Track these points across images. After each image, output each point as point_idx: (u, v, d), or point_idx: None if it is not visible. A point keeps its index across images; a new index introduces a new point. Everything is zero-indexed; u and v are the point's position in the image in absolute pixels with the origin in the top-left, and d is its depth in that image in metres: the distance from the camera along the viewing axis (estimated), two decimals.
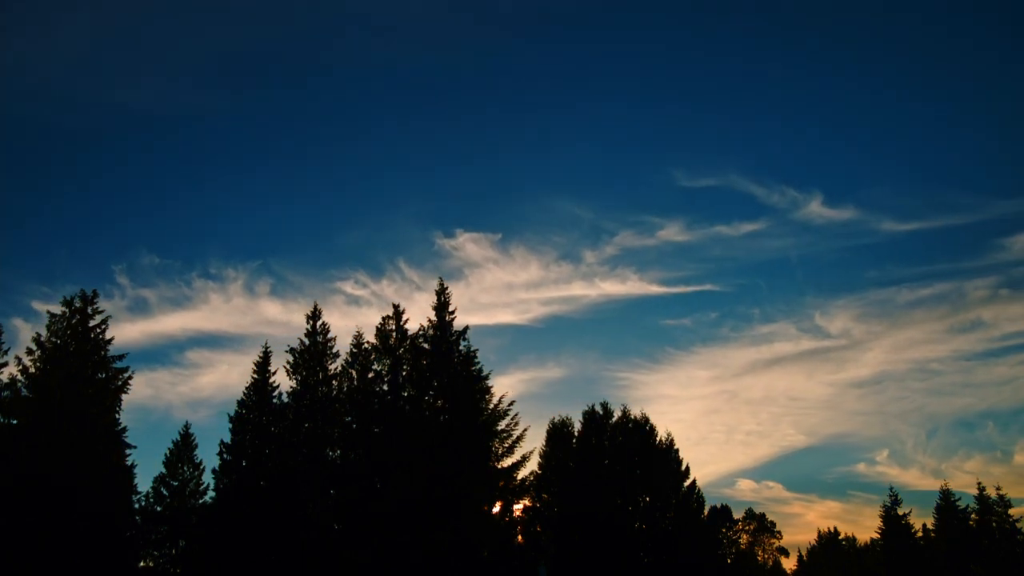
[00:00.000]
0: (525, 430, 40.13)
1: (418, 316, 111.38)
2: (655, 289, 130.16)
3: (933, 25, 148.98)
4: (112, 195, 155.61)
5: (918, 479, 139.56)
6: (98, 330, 37.17)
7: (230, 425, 39.86)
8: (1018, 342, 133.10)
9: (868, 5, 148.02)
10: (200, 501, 42.13)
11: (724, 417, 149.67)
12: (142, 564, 39.95)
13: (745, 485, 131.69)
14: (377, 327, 40.74)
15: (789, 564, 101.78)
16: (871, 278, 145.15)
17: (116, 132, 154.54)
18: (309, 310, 42.27)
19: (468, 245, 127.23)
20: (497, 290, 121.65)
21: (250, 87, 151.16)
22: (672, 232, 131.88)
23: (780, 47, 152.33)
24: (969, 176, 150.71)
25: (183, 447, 43.80)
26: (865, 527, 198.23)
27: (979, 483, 66.11)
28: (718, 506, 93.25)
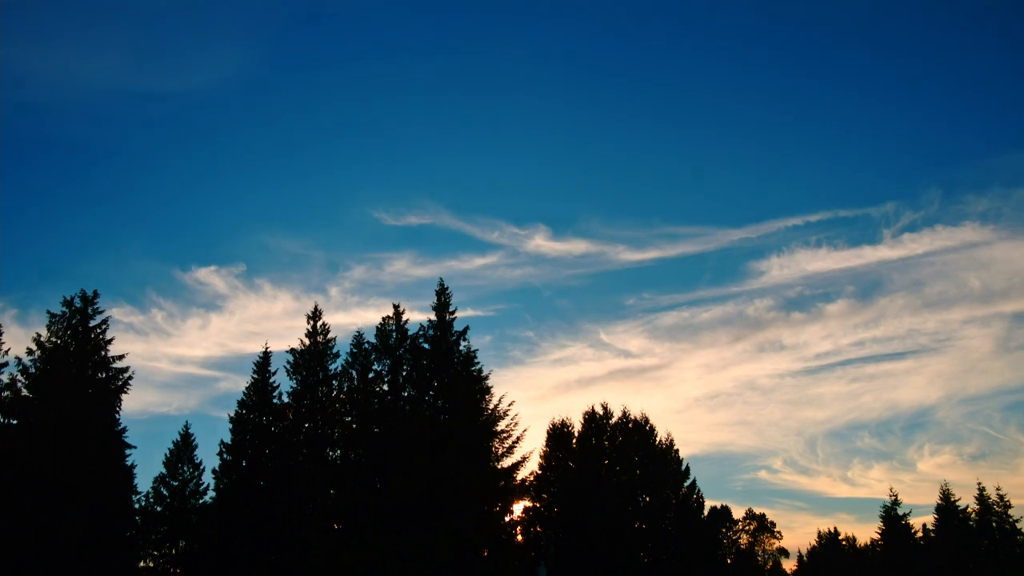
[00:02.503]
0: (525, 430, 40.26)
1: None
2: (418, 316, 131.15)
3: (633, 68, 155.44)
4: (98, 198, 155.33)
5: (831, 487, 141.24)
6: (98, 330, 37.17)
7: (230, 425, 39.92)
8: (830, 361, 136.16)
9: (542, 58, 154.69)
10: (200, 501, 42.12)
11: None
12: (142, 564, 39.94)
13: None
14: (377, 327, 40.80)
15: (789, 565, 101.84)
16: (641, 302, 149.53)
17: (117, 131, 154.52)
18: (309, 310, 42.40)
19: (212, 278, 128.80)
20: (254, 321, 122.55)
21: None
22: (403, 265, 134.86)
23: (485, 92, 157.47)
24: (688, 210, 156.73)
25: (183, 447, 43.79)
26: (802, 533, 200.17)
27: (979, 484, 66.30)
28: (718, 506, 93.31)
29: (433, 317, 40.92)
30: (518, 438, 39.74)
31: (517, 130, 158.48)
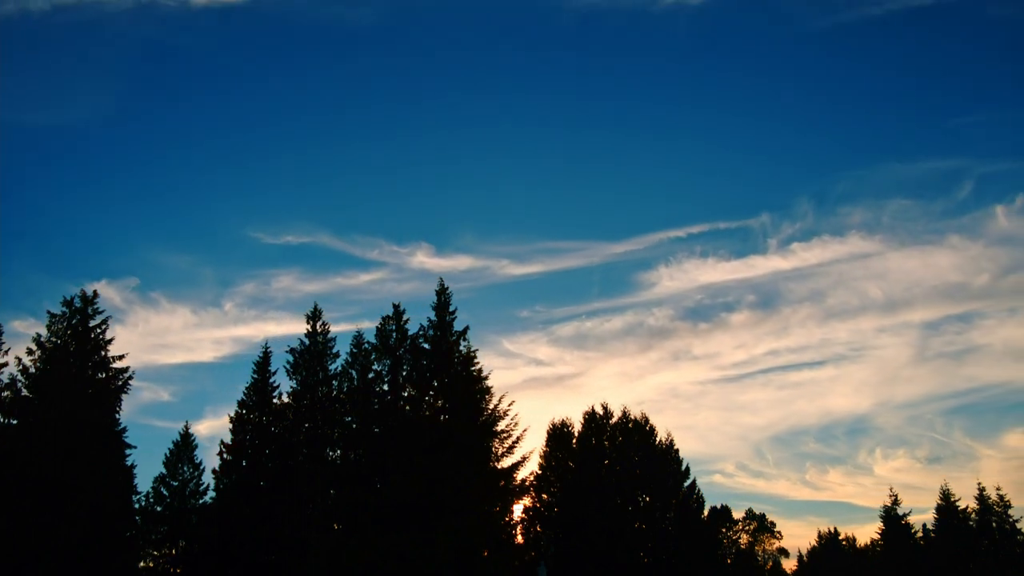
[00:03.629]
0: (525, 430, 40.24)
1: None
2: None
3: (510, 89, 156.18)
4: (111, 195, 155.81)
5: (791, 490, 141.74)
6: (98, 330, 37.17)
7: (230, 425, 39.92)
8: (749, 370, 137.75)
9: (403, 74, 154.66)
10: (200, 501, 42.12)
11: None
12: (142, 564, 39.94)
13: None
14: (377, 327, 40.79)
15: (789, 564, 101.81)
16: (536, 314, 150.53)
17: (118, 131, 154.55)
18: (309, 310, 42.37)
19: (107, 291, 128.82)
20: (156, 334, 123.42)
21: None
22: (291, 282, 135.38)
23: (356, 110, 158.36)
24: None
25: (183, 447, 43.79)
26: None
27: (979, 484, 66.33)
28: (718, 506, 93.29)
29: (433, 317, 40.93)
30: (518, 438, 39.78)
31: (390, 149, 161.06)
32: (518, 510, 42.98)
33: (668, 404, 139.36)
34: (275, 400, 40.33)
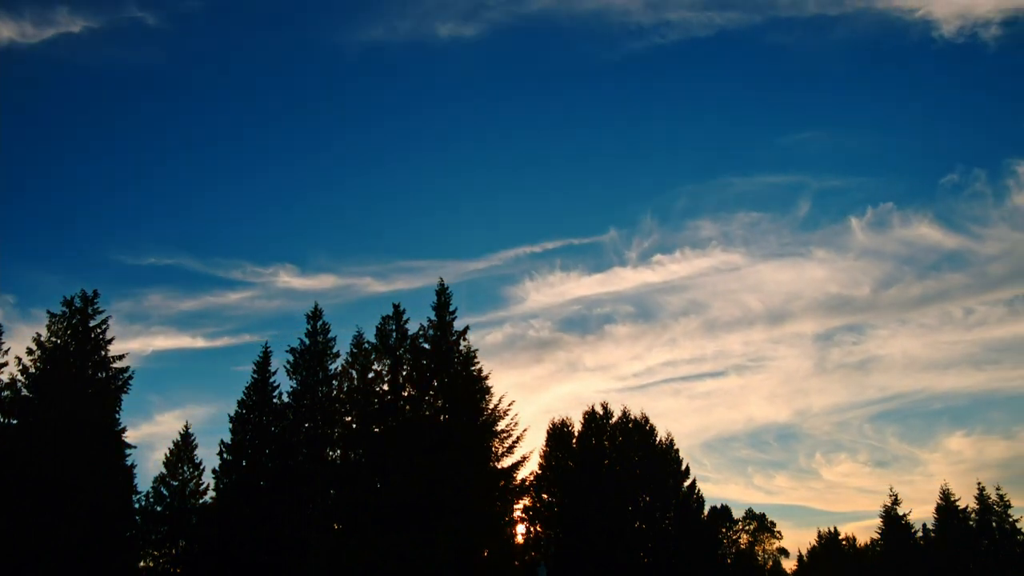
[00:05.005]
0: (525, 430, 40.30)
1: None
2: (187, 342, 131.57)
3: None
4: (114, 194, 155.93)
5: (742, 494, 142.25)
6: (98, 330, 37.17)
7: (230, 425, 39.91)
8: (652, 379, 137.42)
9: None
10: (200, 501, 42.09)
11: None
12: (142, 564, 39.92)
13: None
14: (377, 327, 40.77)
15: (789, 564, 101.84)
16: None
17: (120, 130, 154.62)
18: (309, 311, 42.38)
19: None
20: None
21: None
22: (160, 300, 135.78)
23: (211, 137, 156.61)
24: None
25: (183, 447, 43.75)
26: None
27: (979, 483, 66.32)
28: (718, 506, 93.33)
29: (433, 317, 40.93)
30: (518, 438, 39.79)
31: (246, 171, 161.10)
32: (518, 510, 42.94)
33: (579, 413, 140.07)
34: (275, 400, 40.32)
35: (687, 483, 57.89)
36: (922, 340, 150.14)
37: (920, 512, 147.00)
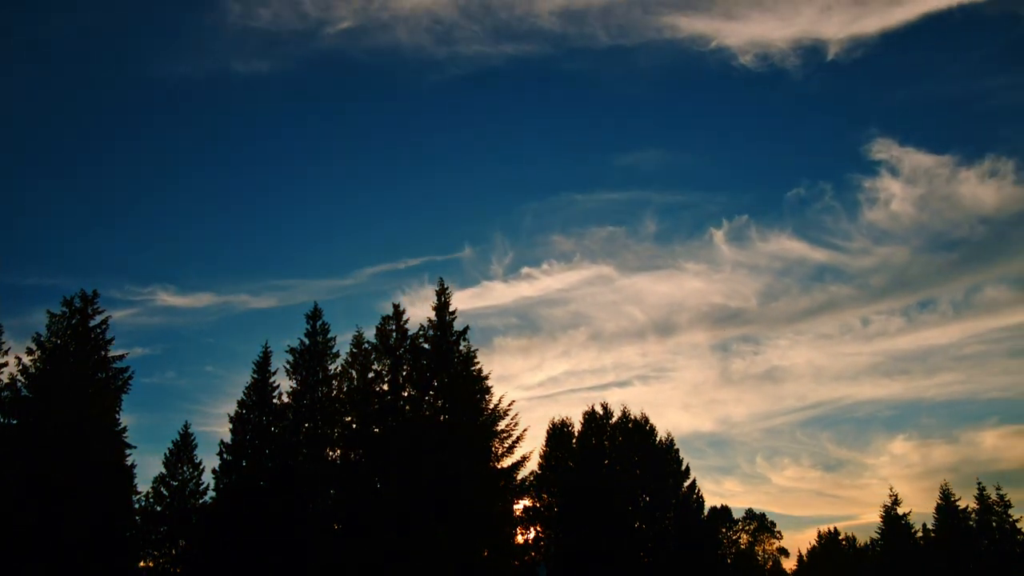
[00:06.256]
0: (525, 430, 40.26)
1: None
2: None
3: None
4: (113, 197, 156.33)
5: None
6: (98, 330, 37.16)
7: (230, 425, 39.91)
8: (558, 389, 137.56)
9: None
10: (200, 501, 42.06)
11: None
12: (142, 564, 39.90)
13: None
14: (377, 327, 40.79)
15: (789, 564, 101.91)
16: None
17: (121, 130, 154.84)
18: (309, 311, 42.35)
19: None
20: None
21: None
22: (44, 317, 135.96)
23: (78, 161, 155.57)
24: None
25: (183, 447, 43.74)
26: None
27: (979, 483, 66.34)
28: (718, 506, 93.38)
29: (433, 317, 40.94)
30: (518, 438, 39.78)
31: (130, 196, 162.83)
32: (518, 510, 42.93)
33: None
34: (275, 400, 40.31)
35: (687, 483, 57.93)
36: (825, 351, 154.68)
37: (877, 517, 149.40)
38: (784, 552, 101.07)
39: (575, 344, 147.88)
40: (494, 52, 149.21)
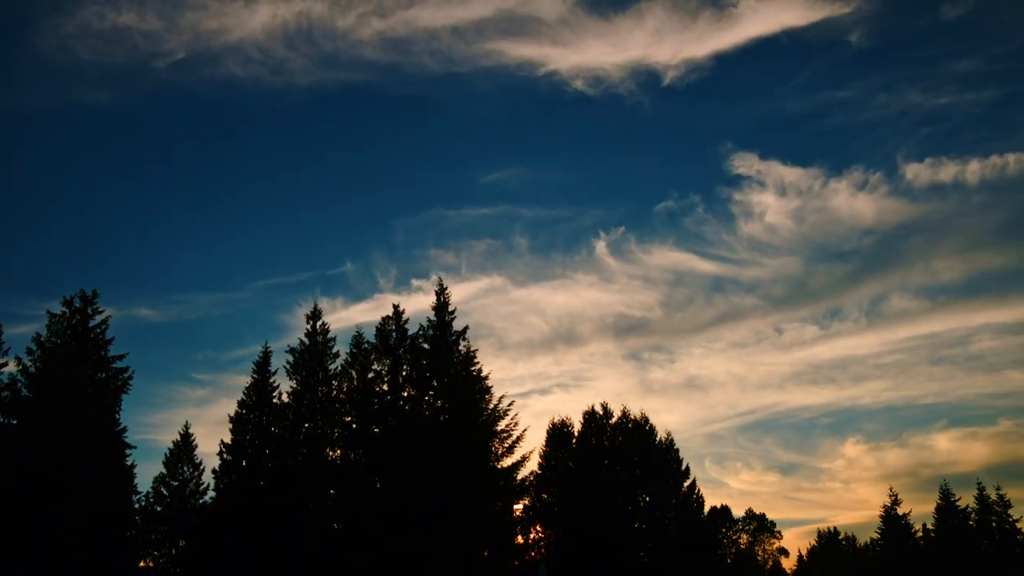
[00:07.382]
0: (525, 430, 40.30)
1: None
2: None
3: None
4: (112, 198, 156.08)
5: None
6: (98, 330, 37.18)
7: (230, 425, 39.91)
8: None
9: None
10: (200, 501, 42.09)
11: None
12: (142, 564, 39.92)
13: None
14: (377, 327, 40.81)
15: (789, 564, 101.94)
16: (210, 356, 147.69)
17: (122, 131, 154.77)
18: (309, 311, 42.38)
19: None
20: None
21: None
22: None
23: None
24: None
25: (183, 447, 43.77)
26: None
27: (978, 483, 66.36)
28: (718, 506, 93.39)
29: (433, 317, 40.95)
30: (518, 438, 39.80)
31: (28, 212, 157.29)
32: (518, 510, 42.94)
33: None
34: (275, 400, 40.32)
35: (687, 483, 57.92)
36: (742, 360, 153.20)
37: (848, 518, 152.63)
38: (784, 552, 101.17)
39: (486, 354, 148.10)
40: (330, 79, 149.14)
